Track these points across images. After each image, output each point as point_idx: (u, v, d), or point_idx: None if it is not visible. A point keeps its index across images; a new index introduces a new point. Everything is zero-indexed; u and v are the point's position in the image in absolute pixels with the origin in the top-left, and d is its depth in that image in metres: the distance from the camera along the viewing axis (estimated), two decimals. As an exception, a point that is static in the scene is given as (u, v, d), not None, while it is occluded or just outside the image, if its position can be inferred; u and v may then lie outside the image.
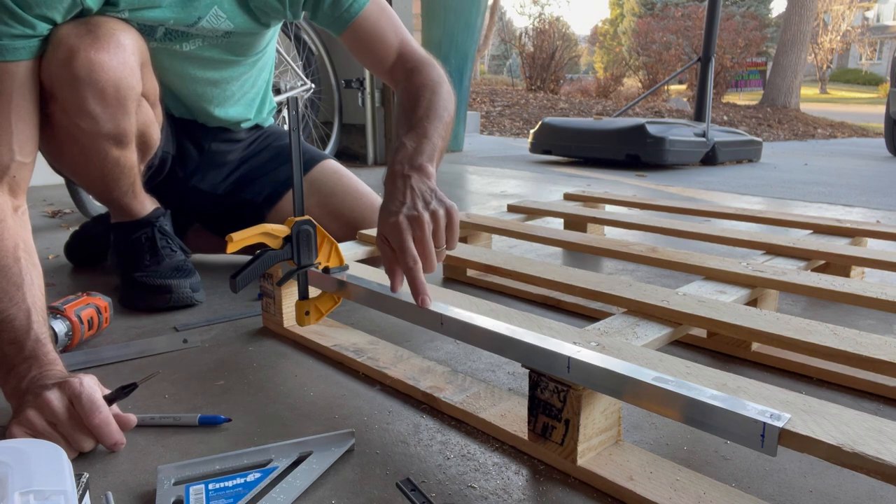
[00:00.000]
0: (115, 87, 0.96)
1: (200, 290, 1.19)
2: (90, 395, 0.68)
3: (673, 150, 3.58)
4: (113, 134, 1.01)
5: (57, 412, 0.67)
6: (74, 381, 0.69)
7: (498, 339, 0.69)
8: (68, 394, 0.68)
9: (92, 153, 1.03)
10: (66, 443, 0.68)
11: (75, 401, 0.68)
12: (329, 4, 1.08)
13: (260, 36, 1.20)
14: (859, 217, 2.19)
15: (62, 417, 0.67)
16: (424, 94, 1.02)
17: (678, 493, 0.59)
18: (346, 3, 1.08)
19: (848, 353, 0.67)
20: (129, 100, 1.00)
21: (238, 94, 1.31)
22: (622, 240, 1.21)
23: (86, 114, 0.96)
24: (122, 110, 0.99)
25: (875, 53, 29.20)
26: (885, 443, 0.47)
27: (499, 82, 14.58)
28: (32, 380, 0.71)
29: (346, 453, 0.68)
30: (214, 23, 1.08)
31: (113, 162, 1.05)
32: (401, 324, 1.07)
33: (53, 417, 0.67)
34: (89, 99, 0.95)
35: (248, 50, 1.22)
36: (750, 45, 11.91)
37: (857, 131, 8.54)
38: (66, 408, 0.68)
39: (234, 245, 0.83)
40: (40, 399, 0.68)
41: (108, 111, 0.97)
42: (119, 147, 1.04)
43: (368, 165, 3.61)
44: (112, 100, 0.97)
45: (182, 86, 1.23)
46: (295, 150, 0.86)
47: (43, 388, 0.69)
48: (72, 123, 0.97)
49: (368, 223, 1.31)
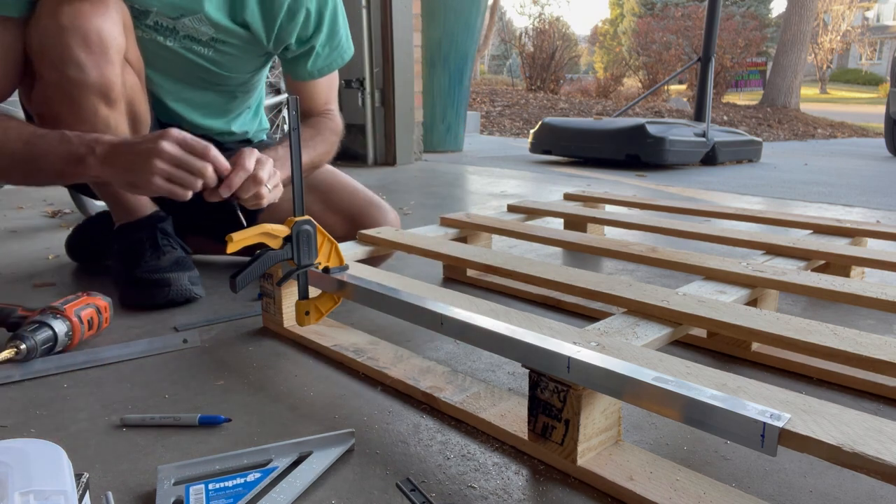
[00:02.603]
0: (97, 34, 1.02)
1: (199, 285, 1.20)
2: (191, 136, 0.93)
3: (673, 150, 3.58)
4: (98, 83, 1.04)
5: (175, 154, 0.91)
6: (170, 133, 0.92)
7: (498, 339, 0.69)
8: (174, 137, 0.92)
9: (82, 109, 1.05)
10: (193, 176, 0.92)
11: (184, 143, 0.92)
12: (300, 58, 1.27)
13: (246, 57, 1.26)
14: (859, 217, 2.19)
15: (184, 156, 0.91)
16: (322, 132, 1.29)
17: (678, 493, 0.59)
18: (316, 65, 1.28)
19: (848, 353, 0.67)
20: (111, 49, 1.04)
21: (222, 107, 1.36)
22: (622, 240, 1.21)
23: (72, 61, 1.01)
24: (106, 58, 1.04)
25: (875, 53, 29.19)
26: (885, 443, 0.47)
27: (499, 82, 14.58)
28: (113, 143, 0.96)
29: (346, 453, 0.68)
30: (197, 24, 1.15)
31: (103, 122, 1.07)
32: (401, 324, 1.07)
33: (176, 159, 0.91)
34: (74, 46, 1.00)
35: (234, 66, 1.26)
36: (750, 45, 11.92)
37: (857, 131, 8.54)
38: (181, 144, 0.92)
39: (234, 245, 0.83)
40: (157, 142, 0.91)
41: (92, 58, 1.02)
42: (107, 103, 1.06)
43: (369, 165, 3.61)
44: (96, 46, 1.02)
45: (166, 86, 1.26)
46: (295, 150, 0.86)
47: (151, 136, 0.92)
48: (61, 76, 1.02)
49: (367, 216, 1.32)
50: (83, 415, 0.77)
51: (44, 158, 0.98)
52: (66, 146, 0.97)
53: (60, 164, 0.97)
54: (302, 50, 1.26)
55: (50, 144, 0.98)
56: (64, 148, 0.97)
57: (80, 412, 0.78)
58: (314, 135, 1.26)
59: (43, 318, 0.93)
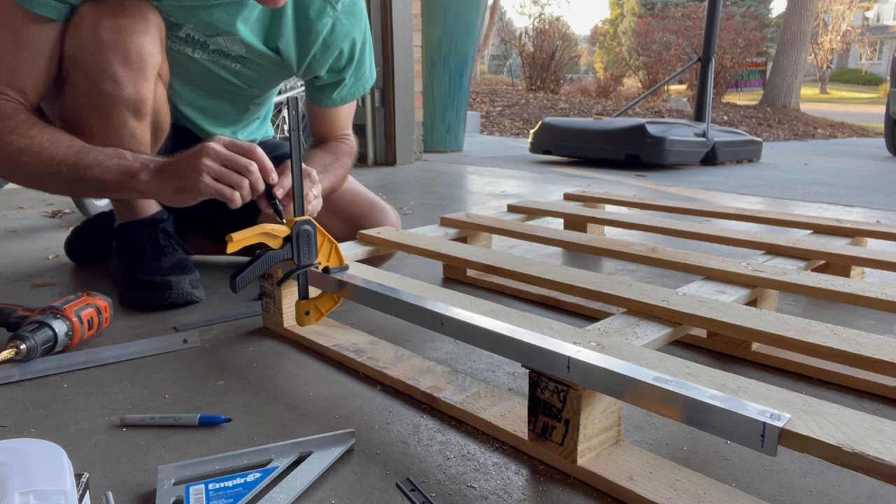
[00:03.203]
0: (138, 52, 1.02)
1: (200, 288, 1.20)
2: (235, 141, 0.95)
3: (673, 150, 3.58)
4: (133, 99, 1.05)
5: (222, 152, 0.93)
6: (217, 137, 0.95)
7: (498, 339, 0.69)
8: (221, 139, 0.95)
9: (111, 121, 1.05)
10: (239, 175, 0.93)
11: (230, 144, 0.94)
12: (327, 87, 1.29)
13: (271, 76, 1.27)
14: (859, 217, 2.19)
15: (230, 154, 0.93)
16: (340, 157, 1.31)
17: (678, 493, 0.59)
18: (341, 94, 1.30)
19: (848, 353, 0.67)
20: (150, 66, 1.05)
21: (234, 116, 1.37)
22: (622, 240, 1.21)
23: (109, 76, 1.01)
24: (143, 76, 1.04)
25: (875, 53, 29.20)
26: (885, 443, 0.47)
27: (499, 82, 14.58)
28: (165, 159, 0.98)
29: (346, 453, 0.68)
30: (229, 43, 1.16)
31: (130, 134, 1.08)
32: (401, 324, 1.07)
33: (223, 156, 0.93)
34: (113, 61, 1.01)
35: (258, 82, 1.27)
36: (750, 45, 11.92)
37: (857, 131, 8.54)
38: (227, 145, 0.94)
39: (234, 245, 0.83)
40: (204, 144, 0.93)
41: (129, 74, 1.03)
42: (137, 117, 1.07)
43: (369, 165, 3.61)
44: (135, 64, 1.03)
45: (183, 94, 1.26)
46: (295, 150, 0.86)
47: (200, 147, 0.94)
48: (94, 87, 1.02)
49: (367, 218, 1.32)
50: (83, 415, 0.77)
51: (93, 170, 0.98)
52: (119, 160, 0.98)
53: (111, 176, 0.98)
54: (331, 80, 1.27)
55: (104, 157, 0.98)
56: (117, 162, 0.98)
57: (80, 412, 0.78)
58: (333, 160, 1.27)
59: (43, 318, 0.93)
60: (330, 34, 1.20)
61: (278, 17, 1.15)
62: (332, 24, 1.19)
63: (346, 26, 1.21)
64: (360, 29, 1.24)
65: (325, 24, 1.18)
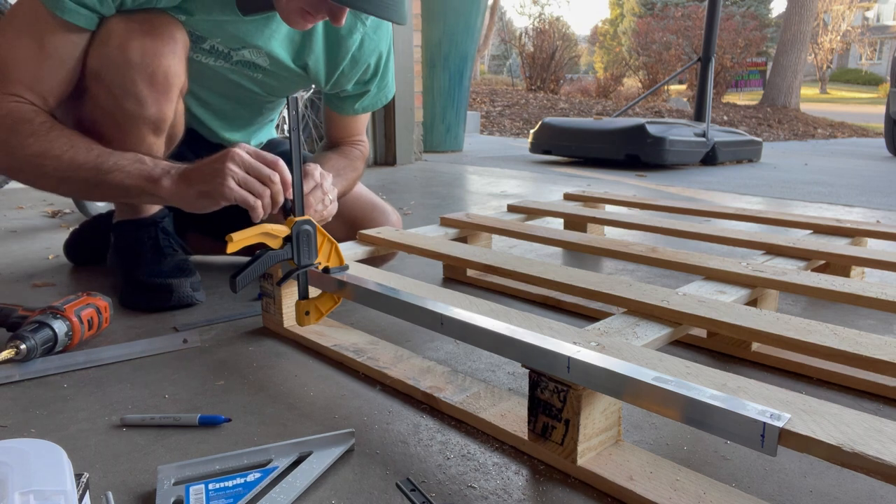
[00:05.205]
0: (164, 74, 1.02)
1: (200, 290, 1.19)
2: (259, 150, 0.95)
3: (673, 150, 3.58)
4: (154, 119, 1.04)
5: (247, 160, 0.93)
6: (241, 145, 0.95)
7: (498, 339, 0.69)
8: (245, 147, 0.94)
9: (130, 137, 1.05)
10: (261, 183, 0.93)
11: (254, 153, 0.94)
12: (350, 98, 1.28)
13: (291, 87, 1.27)
14: (859, 217, 2.19)
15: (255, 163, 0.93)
16: (353, 162, 1.30)
17: (678, 493, 0.59)
18: (363, 104, 1.29)
19: (848, 353, 0.67)
20: (174, 88, 1.04)
21: (247, 120, 1.36)
22: (622, 240, 1.21)
23: (133, 96, 1.01)
24: (167, 97, 1.04)
25: (875, 53, 29.20)
26: (885, 443, 0.47)
27: (499, 82, 14.59)
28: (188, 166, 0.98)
29: (346, 453, 0.68)
30: (254, 56, 1.15)
31: (147, 147, 1.07)
32: (401, 324, 1.07)
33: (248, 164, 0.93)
34: (139, 82, 1.00)
35: (277, 91, 1.27)
36: (750, 45, 11.92)
37: (857, 131, 8.54)
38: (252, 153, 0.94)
39: (234, 245, 0.83)
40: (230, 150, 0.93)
41: (154, 95, 1.02)
42: (156, 134, 1.07)
43: (368, 165, 3.61)
44: (160, 86, 1.02)
45: (199, 96, 1.26)
46: (295, 150, 0.86)
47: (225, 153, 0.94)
48: (117, 105, 1.01)
49: (368, 220, 1.32)
50: (83, 415, 0.77)
51: (114, 175, 0.97)
52: (140, 165, 0.98)
53: (132, 182, 0.97)
54: (356, 92, 1.27)
55: (125, 162, 0.98)
56: (138, 167, 0.98)
57: (80, 412, 0.78)
58: (346, 165, 1.27)
59: (43, 318, 0.93)
60: (359, 49, 1.19)
61: (309, 33, 1.15)
62: (362, 39, 1.18)
63: (374, 41, 1.20)
64: (386, 42, 1.24)
65: (355, 40, 1.18)
